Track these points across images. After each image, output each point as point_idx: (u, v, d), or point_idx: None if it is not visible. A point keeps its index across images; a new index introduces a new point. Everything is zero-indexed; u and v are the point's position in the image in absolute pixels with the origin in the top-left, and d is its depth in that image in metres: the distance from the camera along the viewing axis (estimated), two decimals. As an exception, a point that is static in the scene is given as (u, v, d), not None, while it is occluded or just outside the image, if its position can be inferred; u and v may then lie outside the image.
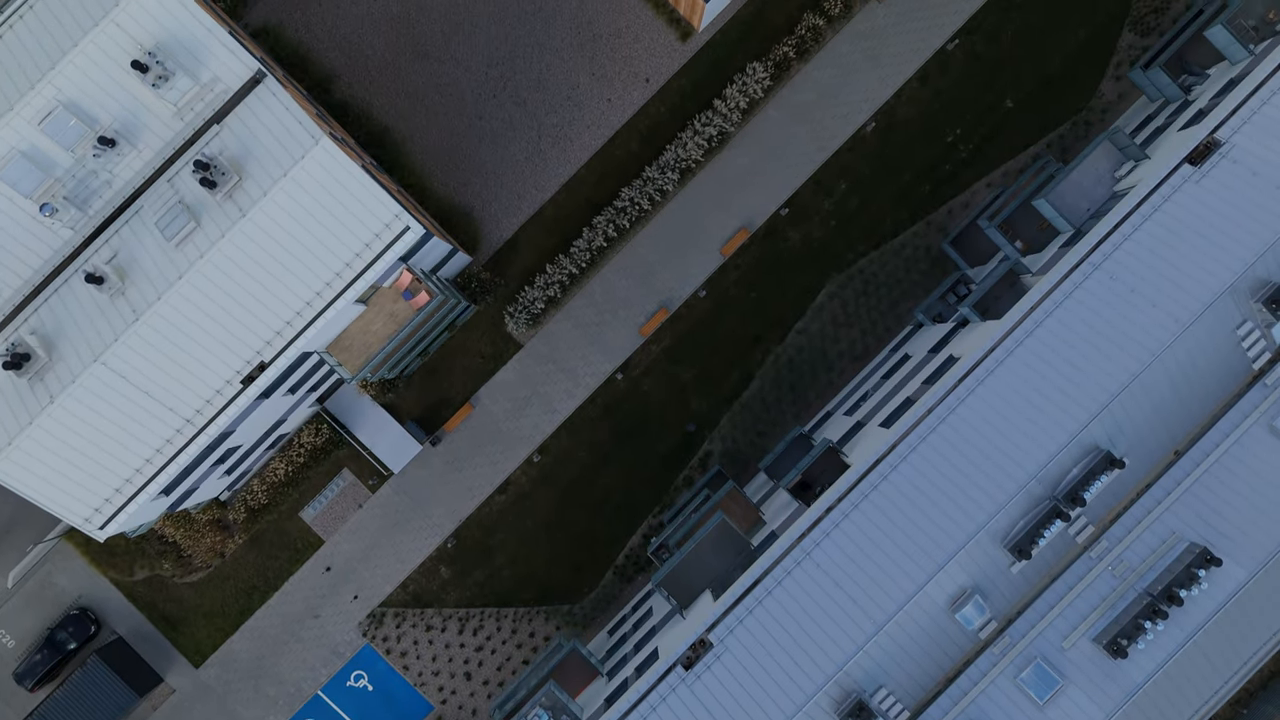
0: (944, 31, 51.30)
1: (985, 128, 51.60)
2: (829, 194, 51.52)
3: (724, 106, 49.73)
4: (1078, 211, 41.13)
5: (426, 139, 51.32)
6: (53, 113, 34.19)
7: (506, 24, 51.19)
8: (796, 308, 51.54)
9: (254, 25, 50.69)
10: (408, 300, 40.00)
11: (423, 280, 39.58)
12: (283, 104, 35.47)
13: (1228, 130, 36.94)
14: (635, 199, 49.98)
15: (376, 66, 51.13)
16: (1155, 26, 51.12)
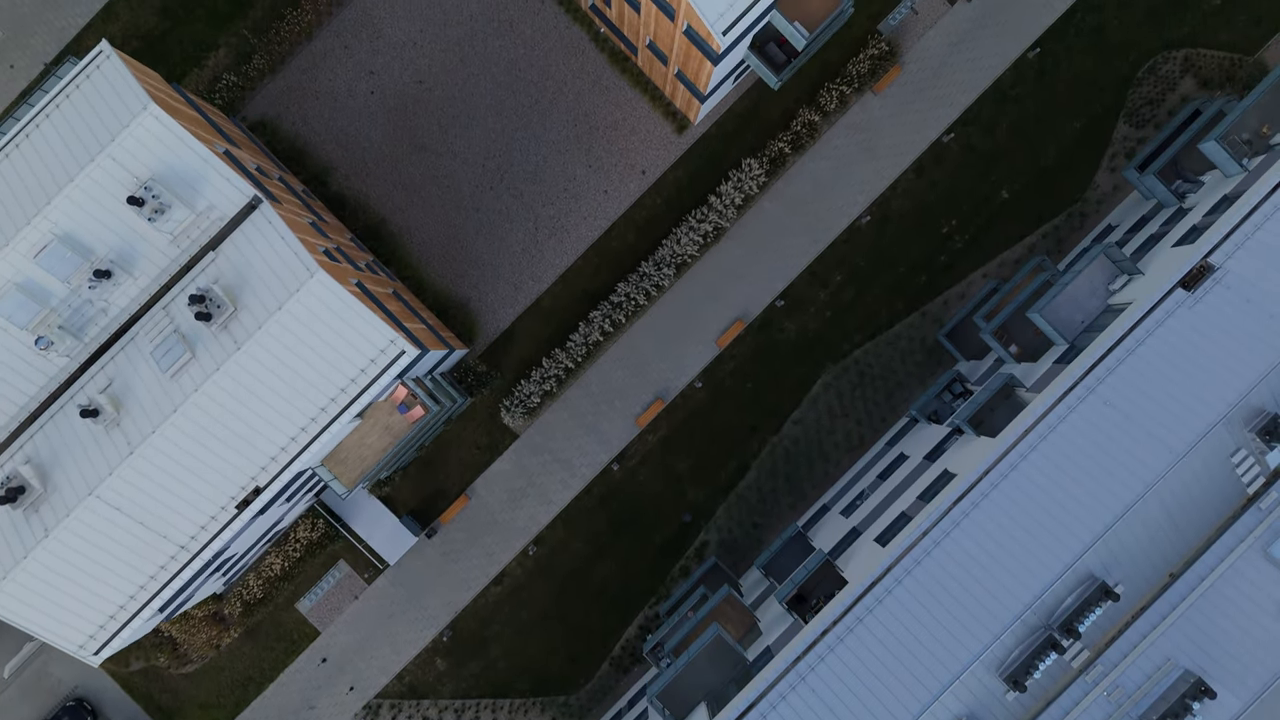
0: (940, 124, 51.46)
1: (981, 218, 51.74)
2: (825, 285, 51.63)
3: (719, 203, 49.87)
4: (1072, 324, 41.19)
5: (424, 230, 51.43)
6: (48, 246, 34.27)
7: (504, 117, 51.34)
8: (792, 398, 51.59)
9: (252, 118, 50.83)
10: (403, 414, 40.00)
11: (418, 396, 39.60)
12: (278, 232, 35.55)
13: (1221, 255, 37.03)
14: (631, 294, 50.07)
15: (374, 159, 51.25)
16: (1150, 118, 51.30)
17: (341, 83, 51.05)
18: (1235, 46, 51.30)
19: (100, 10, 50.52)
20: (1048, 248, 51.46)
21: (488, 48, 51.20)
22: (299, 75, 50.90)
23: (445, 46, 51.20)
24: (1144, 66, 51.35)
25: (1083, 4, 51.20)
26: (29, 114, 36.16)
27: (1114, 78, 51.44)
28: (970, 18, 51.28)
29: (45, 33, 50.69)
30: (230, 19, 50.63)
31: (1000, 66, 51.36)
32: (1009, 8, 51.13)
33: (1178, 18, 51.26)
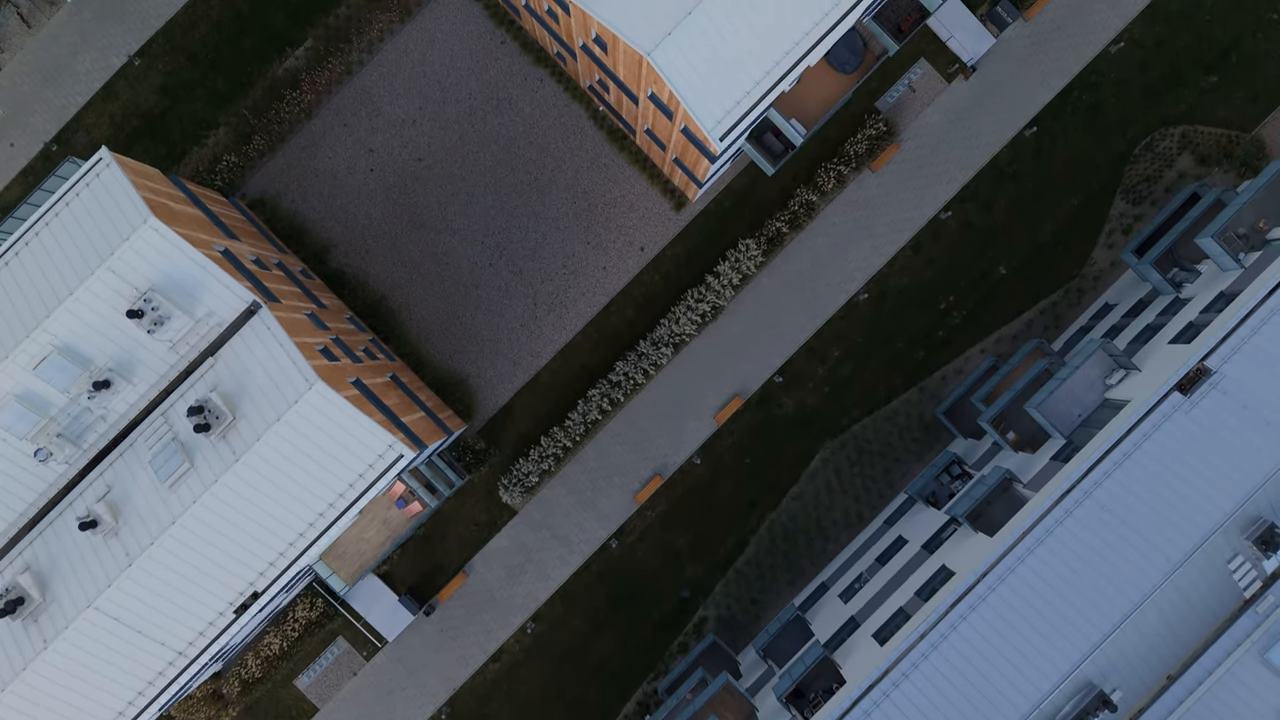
0: (937, 201, 51.61)
1: (978, 294, 51.85)
2: (823, 361, 51.73)
3: (717, 283, 50.00)
4: (1068, 418, 41.24)
5: (423, 307, 51.56)
6: (47, 358, 34.40)
7: (503, 194, 51.50)
8: (791, 473, 51.66)
9: (251, 195, 51.01)
10: (401, 509, 40.05)
11: (415, 493, 39.66)
12: (276, 338, 35.67)
13: (1218, 359, 37.11)
14: (629, 373, 50.18)
15: (373, 236, 51.40)
16: (1148, 195, 51.46)
17: (341, 160, 51.22)
18: (1233, 123, 51.46)
19: (100, 89, 50.72)
20: (1045, 324, 51.57)
21: (487, 125, 51.40)
22: (299, 153, 51.07)
23: (444, 124, 51.39)
24: (1141, 143, 51.52)
25: (1080, 82, 51.39)
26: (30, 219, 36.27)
27: (1111, 155, 51.60)
28: (968, 95, 51.46)
29: (45, 111, 50.89)
30: (230, 98, 50.83)
31: (998, 144, 51.53)
32: (1006, 85, 51.32)
33: (1175, 95, 51.45)
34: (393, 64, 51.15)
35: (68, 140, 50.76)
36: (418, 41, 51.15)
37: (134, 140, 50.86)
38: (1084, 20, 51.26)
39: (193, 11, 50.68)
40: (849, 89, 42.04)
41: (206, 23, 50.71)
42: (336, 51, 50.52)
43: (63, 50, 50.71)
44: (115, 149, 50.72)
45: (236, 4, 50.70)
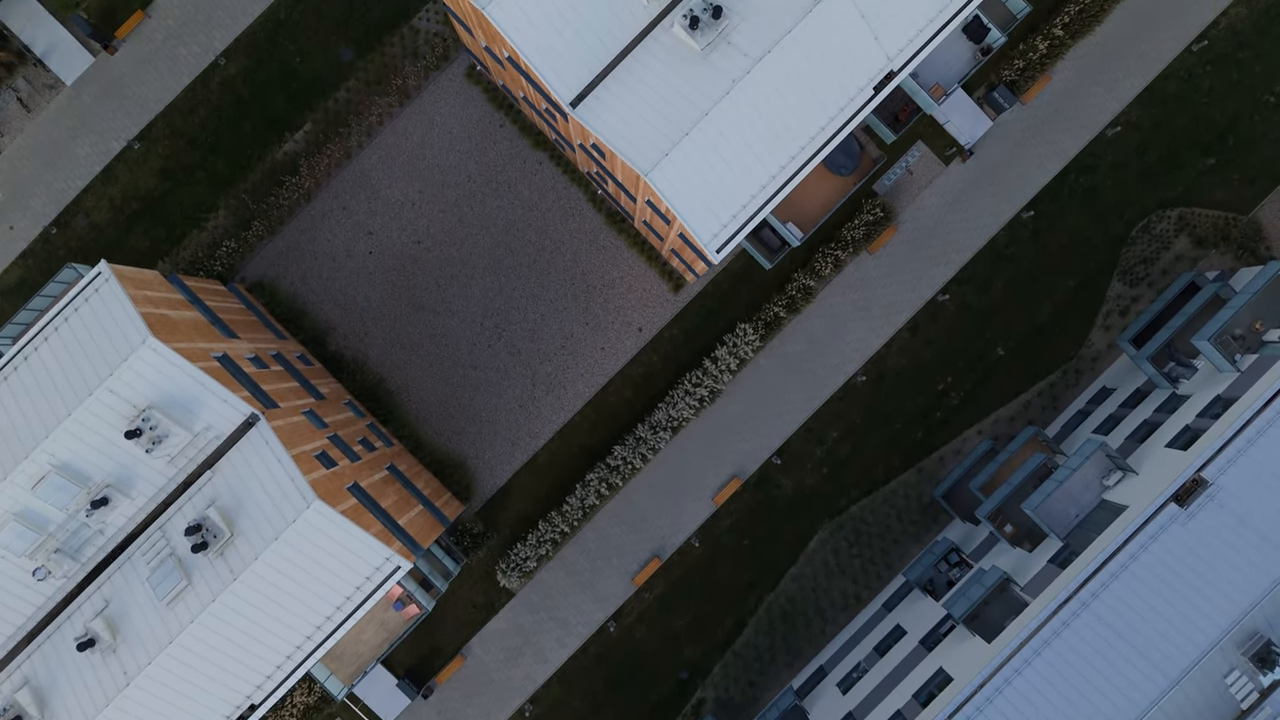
0: (935, 283, 51.72)
1: (976, 375, 51.94)
2: (821, 441, 51.80)
3: (715, 368, 50.10)
4: (1066, 518, 41.33)
5: (422, 388, 51.65)
6: (46, 477, 34.47)
7: (502, 275, 51.63)
8: (789, 554, 51.70)
9: (251, 279, 51.12)
10: (398, 611, 40.08)
11: (413, 597, 39.71)
12: (274, 453, 35.74)
13: (1214, 470, 37.19)
14: (627, 457, 50.25)
15: (372, 318, 51.50)
16: (1145, 277, 51.56)
17: (340, 243, 51.35)
18: (1229, 205, 51.60)
19: (100, 173, 50.85)
20: (1043, 405, 51.65)
21: (486, 208, 51.52)
22: (298, 236, 51.20)
23: (443, 207, 51.52)
24: (1138, 226, 51.65)
25: (1077, 164, 51.55)
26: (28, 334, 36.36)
27: (1108, 236, 51.73)
28: (965, 178, 51.60)
29: (45, 194, 51.00)
30: (230, 181, 50.95)
31: (995, 226, 51.66)
32: (1004, 168, 51.46)
33: (1172, 177, 51.58)
34: (392, 147, 51.30)
35: (67, 223, 50.88)
36: (417, 124, 51.30)
37: (134, 223, 50.99)
38: (1081, 103, 51.41)
39: (192, 95, 50.83)
40: (846, 191, 42.20)
41: (206, 107, 50.87)
42: (336, 135, 50.67)
43: (62, 134, 50.85)
44: (115, 232, 50.88)
45: (236, 88, 50.86)
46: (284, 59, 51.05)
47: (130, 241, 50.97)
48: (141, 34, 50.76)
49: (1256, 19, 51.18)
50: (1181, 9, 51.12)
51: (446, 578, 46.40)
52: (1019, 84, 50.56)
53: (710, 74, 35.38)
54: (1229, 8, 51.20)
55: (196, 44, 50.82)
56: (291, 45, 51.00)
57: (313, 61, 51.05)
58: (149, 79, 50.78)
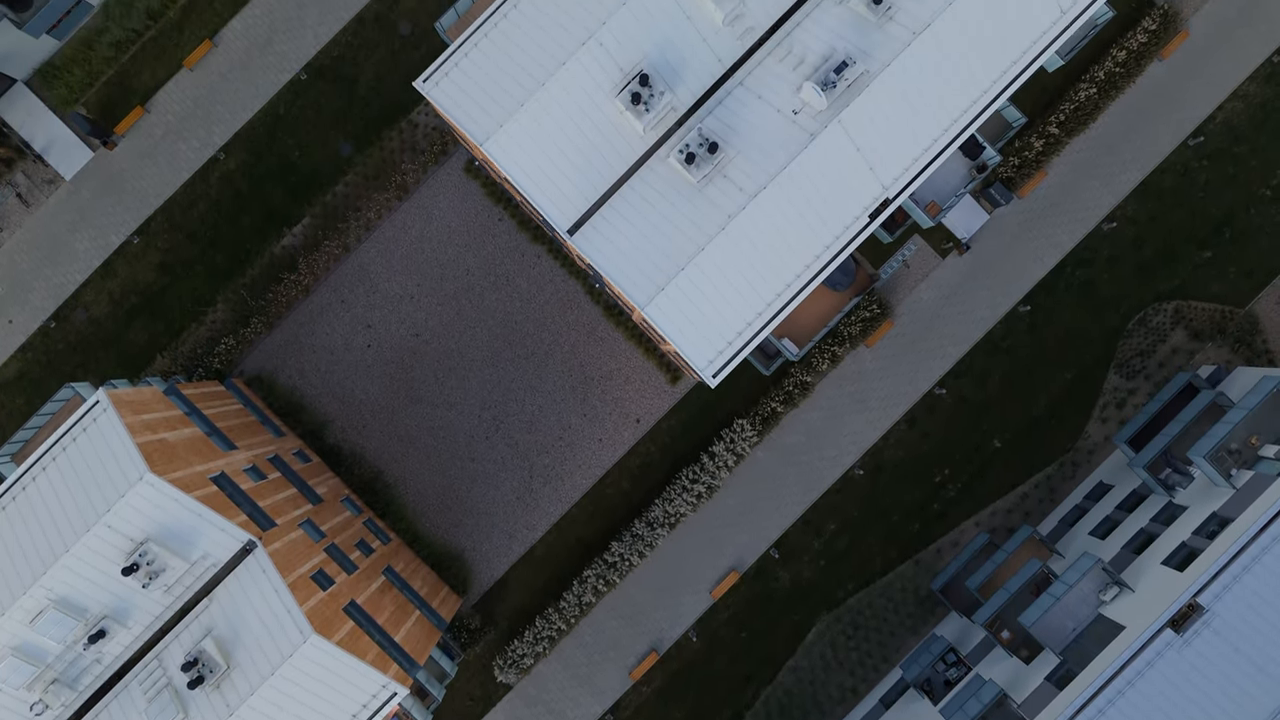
0: (932, 375, 51.83)
1: (973, 466, 52.01)
2: (818, 534, 51.86)
3: (712, 464, 50.18)
4: (1063, 631, 41.37)
5: (420, 481, 51.73)
6: (43, 612, 34.54)
7: (500, 368, 51.76)
8: (787, 646, 51.71)
9: (249, 372, 51.25)
10: (396, 727, 40.08)
11: (409, 713, 39.74)
12: (272, 583, 35.81)
13: (1209, 596, 37.23)
14: (625, 554, 50.30)
15: (370, 411, 51.62)
16: (1141, 369, 51.66)
17: (339, 336, 51.49)
18: (1226, 298, 51.71)
19: (99, 267, 51.00)
20: (1040, 497, 51.71)
21: (484, 301, 51.68)
22: (296, 329, 51.33)
23: (442, 300, 51.67)
24: (1134, 318, 51.77)
25: (1073, 258, 51.69)
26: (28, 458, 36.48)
27: (1104, 329, 51.83)
28: (961, 271, 51.75)
29: (44, 288, 51.17)
30: (229, 275, 51.11)
31: (992, 319, 51.78)
32: (1000, 261, 51.61)
33: (1168, 270, 51.73)
34: (390, 241, 51.48)
35: (66, 317, 51.01)
36: (415, 218, 51.48)
37: (132, 317, 51.13)
38: (1077, 197, 51.58)
39: (191, 190, 51.03)
40: (843, 306, 42.34)
41: (205, 201, 51.05)
42: (334, 230, 50.85)
43: (61, 228, 51.04)
44: (113, 326, 51.00)
45: (235, 183, 51.05)
46: (283, 153, 51.26)
47: (129, 335, 51.11)
48: (141, 129, 50.98)
49: (1252, 113, 51.36)
50: (1177, 104, 51.32)
51: (443, 680, 46.43)
52: (1015, 180, 50.73)
53: (706, 207, 35.55)
54: (1225, 102, 51.41)
55: (196, 139, 51.03)
56: (290, 140, 51.21)
57: (311, 156, 51.26)
58: (148, 174, 50.98)
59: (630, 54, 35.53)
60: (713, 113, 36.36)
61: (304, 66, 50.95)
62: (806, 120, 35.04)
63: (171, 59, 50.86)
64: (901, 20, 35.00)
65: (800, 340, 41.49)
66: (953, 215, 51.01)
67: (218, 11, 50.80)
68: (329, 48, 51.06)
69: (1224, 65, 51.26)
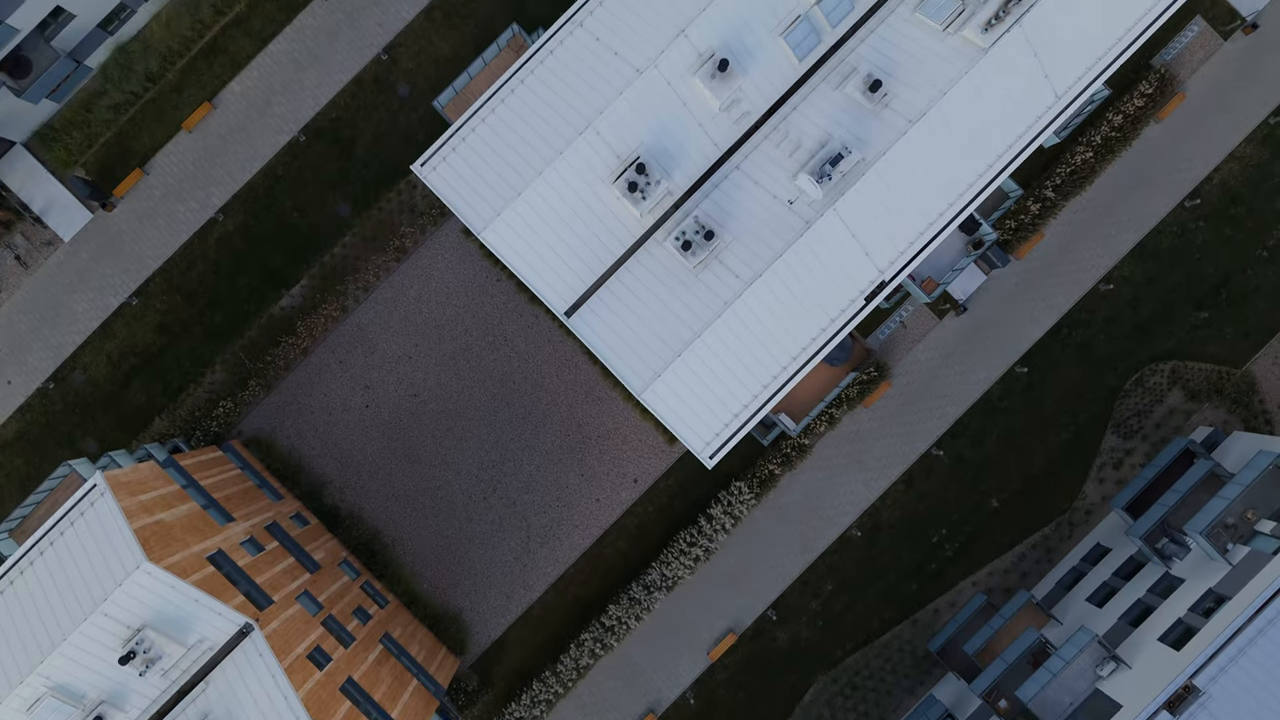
0: (929, 436, 51.88)
1: (970, 526, 52.05)
2: (816, 594, 51.88)
3: (709, 527, 50.24)
4: (1060, 706, 41.43)
5: (417, 541, 51.78)
6: (41, 699, 34.56)
7: (498, 428, 51.81)
8: (785, 707, 51.70)
9: (248, 433, 51.31)
10: (393, 803, 40.05)
11: (408, 791, 39.77)
12: (268, 668, 35.85)
13: (1205, 678, 37.29)
14: (622, 617, 50.34)
15: (368, 472, 51.67)
16: (1138, 429, 51.71)
17: (337, 397, 51.56)
18: (1223, 359, 51.79)
19: (97, 328, 51.07)
20: (1037, 558, 51.74)
21: (482, 361, 51.75)
22: (295, 390, 51.41)
23: (440, 361, 51.75)
24: (1131, 379, 51.83)
25: (1069, 319, 51.76)
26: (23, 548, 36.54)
27: (1101, 389, 51.89)
28: (958, 332, 51.82)
29: (42, 349, 51.25)
30: (227, 336, 51.17)
31: (989, 380, 51.85)
32: (997, 322, 51.68)
33: (1165, 330, 51.80)
34: (389, 302, 51.56)
35: (64, 378, 51.08)
36: (414, 279, 51.58)
37: (131, 378, 51.20)
38: (1074, 258, 51.68)
39: (190, 252, 51.13)
40: (839, 380, 42.42)
41: (204, 262, 51.15)
42: (333, 291, 50.95)
43: (60, 290, 51.14)
44: (112, 387, 51.08)
45: (234, 244, 51.16)
46: (282, 215, 51.37)
47: (127, 396, 51.18)
48: (140, 191, 51.10)
49: (1249, 175, 51.48)
50: (1174, 166, 51.43)
51: (441, 747, 46.43)
52: (1012, 243, 50.83)
53: (702, 293, 35.65)
54: (1222, 164, 51.51)
55: (195, 200, 51.15)
56: (289, 201, 51.33)
57: (310, 217, 51.37)
58: (147, 235, 51.09)
59: (627, 141, 35.65)
60: (709, 196, 36.48)
61: (302, 128, 51.06)
62: (802, 208, 35.15)
63: (170, 121, 50.98)
64: (897, 107, 35.12)
65: (797, 415, 41.56)
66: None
67: (216, 74, 50.93)
68: (327, 109, 51.18)
69: (1221, 127, 51.38)
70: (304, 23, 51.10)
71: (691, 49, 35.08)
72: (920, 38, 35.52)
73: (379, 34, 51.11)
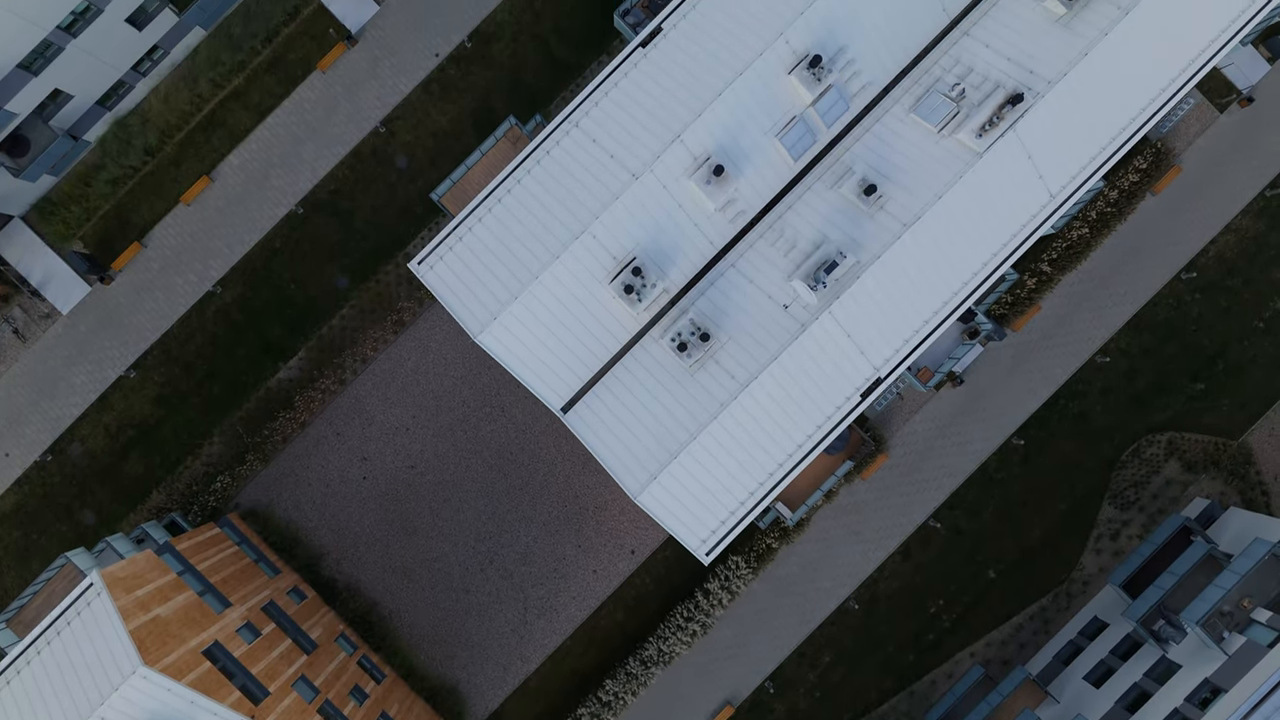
0: (926, 507, 51.92)
1: (968, 597, 52.06)
2: (813, 666, 51.86)
3: (706, 602, 50.25)
4: (1057, 794, 41.39)
5: (414, 613, 51.75)
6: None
7: (495, 499, 51.83)
8: (781, 778, 51.73)
9: (245, 505, 51.31)
10: None
11: None
12: (265, 768, 35.83)
13: (1202, 776, 37.28)
14: (619, 692, 50.31)
15: (365, 544, 51.67)
16: (1135, 501, 51.75)
17: (335, 469, 51.58)
18: (1219, 430, 51.84)
19: (95, 400, 51.10)
20: (1034, 629, 51.73)
21: (479, 432, 51.78)
22: (293, 462, 51.43)
23: (437, 432, 51.79)
24: (1128, 450, 51.88)
25: (1066, 390, 51.83)
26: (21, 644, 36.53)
27: (1098, 460, 51.94)
28: (955, 403, 51.86)
29: (40, 421, 51.28)
30: (225, 408, 51.21)
31: (986, 451, 51.89)
32: (993, 394, 51.73)
33: (1161, 402, 51.86)
34: (387, 373, 51.61)
35: (62, 450, 51.11)
36: (411, 351, 51.63)
37: (129, 449, 51.22)
38: (1071, 330, 51.77)
39: (188, 324, 51.18)
40: (836, 469, 42.48)
41: (202, 335, 51.21)
42: (331, 364, 50.99)
43: (58, 362, 51.18)
44: (109, 459, 51.10)
45: (231, 316, 51.23)
46: (279, 287, 51.45)
47: (125, 468, 51.21)
48: (138, 263, 51.16)
49: (1245, 247, 51.60)
50: (1170, 239, 51.55)
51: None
52: (1008, 316, 50.92)
53: (699, 394, 35.70)
54: (1218, 236, 51.64)
55: (193, 273, 51.23)
56: (287, 273, 51.41)
57: (308, 289, 51.46)
58: (145, 308, 51.16)
59: (623, 242, 35.74)
60: (705, 294, 36.55)
61: (300, 201, 51.16)
62: (798, 310, 35.22)
63: (169, 194, 51.08)
64: (892, 210, 35.23)
65: (794, 503, 41.60)
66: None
67: (215, 147, 51.06)
68: (325, 182, 51.29)
69: (1217, 200, 51.52)
70: (302, 96, 51.23)
71: (687, 153, 35.19)
72: (915, 139, 35.64)
73: (377, 107, 51.24)
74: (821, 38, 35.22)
